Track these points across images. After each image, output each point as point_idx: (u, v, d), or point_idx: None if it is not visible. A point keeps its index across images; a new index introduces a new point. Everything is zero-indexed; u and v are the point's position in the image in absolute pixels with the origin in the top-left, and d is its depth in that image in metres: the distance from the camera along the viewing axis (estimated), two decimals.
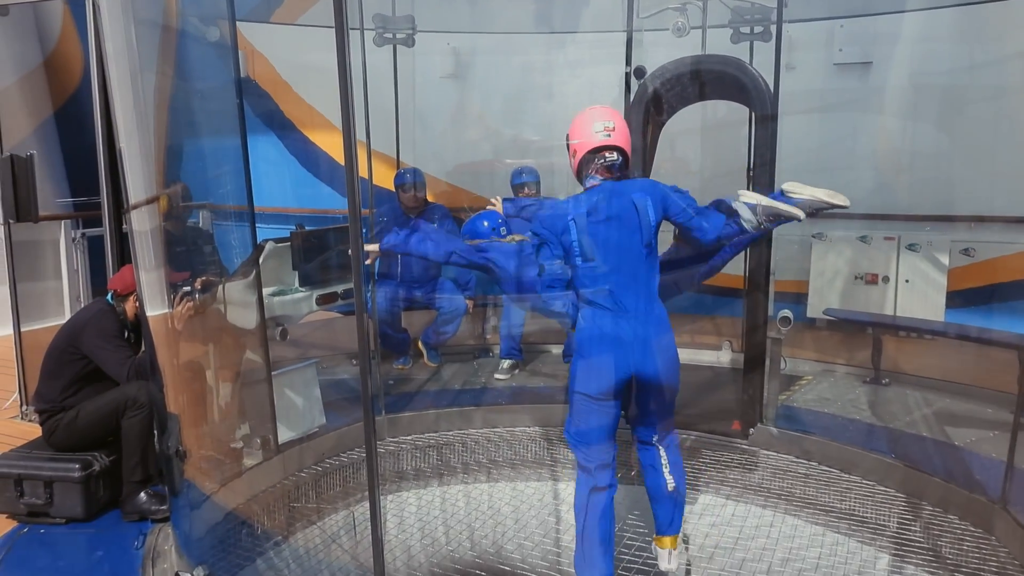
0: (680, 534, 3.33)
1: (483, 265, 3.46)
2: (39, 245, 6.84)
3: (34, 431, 4.15)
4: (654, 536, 3.36)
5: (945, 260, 6.01)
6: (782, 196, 3.17)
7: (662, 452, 3.26)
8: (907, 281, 6.10)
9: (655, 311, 3.11)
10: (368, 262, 3.59)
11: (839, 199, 3.08)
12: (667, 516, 3.28)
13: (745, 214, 3.13)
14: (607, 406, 3.10)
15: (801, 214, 3.07)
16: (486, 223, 3.88)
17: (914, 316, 6.08)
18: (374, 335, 5.35)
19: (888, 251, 6.25)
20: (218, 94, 4.11)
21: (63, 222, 6.80)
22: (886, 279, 6.23)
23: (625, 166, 3.18)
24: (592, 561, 3.11)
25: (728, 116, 5.50)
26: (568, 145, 3.20)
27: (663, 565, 3.31)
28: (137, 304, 3.96)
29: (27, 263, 6.33)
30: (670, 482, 3.25)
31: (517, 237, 3.56)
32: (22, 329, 5.50)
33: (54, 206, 6.56)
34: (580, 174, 3.18)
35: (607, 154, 3.10)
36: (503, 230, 3.84)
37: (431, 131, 7.05)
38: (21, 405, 5.36)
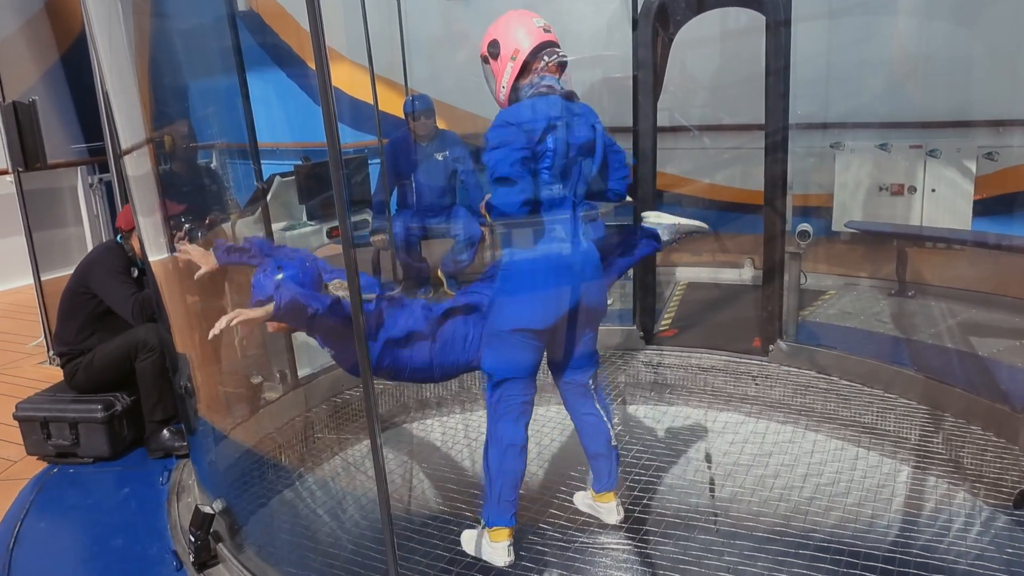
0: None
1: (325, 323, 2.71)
2: (57, 192, 6.90)
3: (60, 375, 4.23)
4: (594, 495, 3.17)
5: (972, 167, 5.81)
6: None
7: (597, 403, 3.05)
8: (933, 190, 5.92)
9: (590, 242, 2.85)
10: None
11: (696, 224, 3.18)
12: (608, 470, 3.11)
13: (665, 236, 3.17)
14: (542, 342, 2.86)
15: (706, 226, 3.16)
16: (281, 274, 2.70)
17: (941, 226, 5.92)
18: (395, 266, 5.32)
19: (914, 159, 6.05)
20: (213, 29, 4.03)
21: (79, 168, 6.83)
22: (912, 189, 6.05)
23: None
24: (507, 506, 2.90)
25: (750, 23, 5.29)
26: (494, 53, 2.71)
27: (613, 519, 3.14)
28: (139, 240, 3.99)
29: (46, 211, 6.39)
30: (613, 437, 3.07)
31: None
32: (48, 277, 5.58)
33: (68, 152, 6.57)
34: (518, 82, 2.70)
35: (558, 51, 2.70)
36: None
37: (439, 55, 6.90)
38: (48, 350, 5.46)
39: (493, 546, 2.91)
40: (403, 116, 5.80)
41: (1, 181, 6.06)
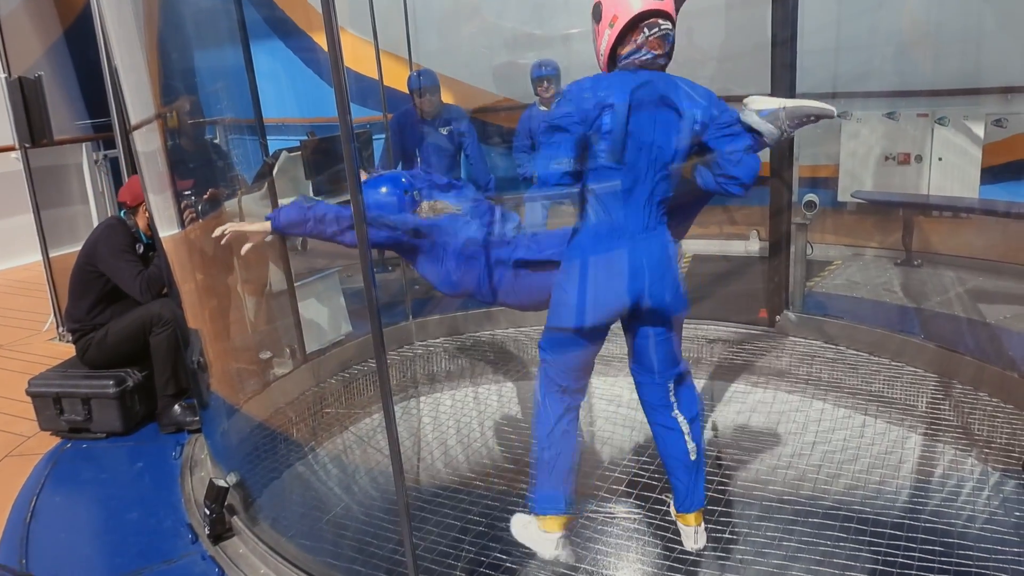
0: (703, 506, 2.77)
1: (408, 244, 2.77)
2: (63, 170, 6.88)
3: (71, 352, 4.26)
4: (675, 513, 2.80)
5: (980, 133, 5.78)
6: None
7: (679, 415, 2.69)
8: (940, 159, 5.89)
9: (664, 236, 2.57)
10: (247, 247, 2.92)
11: (826, 107, 2.51)
12: (688, 487, 2.71)
13: (766, 129, 2.48)
14: (599, 334, 2.63)
15: (834, 110, 2.47)
16: (385, 190, 2.88)
17: (948, 194, 5.90)
18: None
19: (922, 128, 6.02)
20: (220, 4, 4.01)
21: (83, 145, 6.80)
22: (919, 158, 6.02)
23: (672, 47, 2.50)
24: (558, 492, 2.69)
25: None
26: (596, 16, 2.49)
27: (689, 545, 2.75)
28: (148, 215, 3.99)
29: (52, 188, 6.38)
30: (692, 450, 2.69)
31: (440, 205, 2.83)
32: (55, 254, 5.59)
33: (73, 129, 6.55)
34: (614, 52, 2.48)
35: (660, 22, 2.41)
36: (416, 194, 2.91)
37: (444, 29, 6.85)
38: (58, 327, 5.49)
39: (543, 536, 2.71)
40: (407, 91, 5.78)
41: (6, 158, 6.05)
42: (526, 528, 2.77)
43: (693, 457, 2.69)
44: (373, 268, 2.12)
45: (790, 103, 2.47)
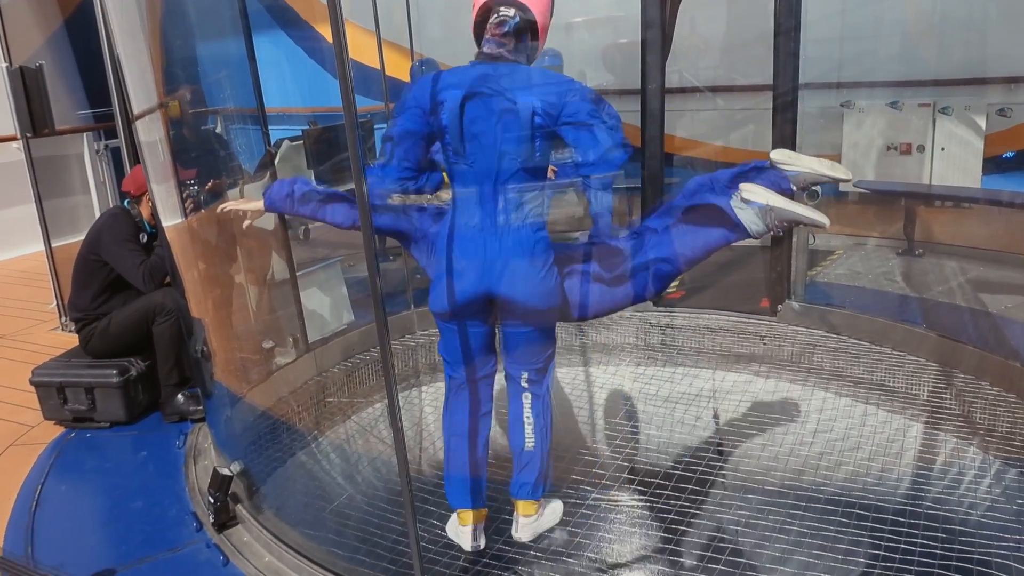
0: (540, 501, 2.79)
1: (404, 231, 2.73)
2: (64, 160, 6.88)
3: (74, 341, 4.26)
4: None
5: (982, 123, 5.78)
6: (770, 170, 2.43)
7: (527, 405, 2.70)
8: (942, 149, 5.89)
9: (521, 234, 2.47)
10: (245, 226, 3.03)
11: (840, 171, 2.40)
12: (516, 475, 2.77)
13: (749, 221, 2.34)
14: (457, 326, 2.62)
15: (827, 221, 2.31)
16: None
17: (950, 184, 5.90)
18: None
19: (924, 118, 6.02)
20: None
21: (85, 135, 6.80)
22: (921, 148, 6.01)
23: (528, 33, 2.45)
24: (456, 486, 2.73)
25: None
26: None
27: (513, 532, 2.80)
28: (151, 204, 3.98)
29: (54, 178, 6.39)
30: (529, 443, 2.71)
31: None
32: (57, 244, 5.59)
33: (74, 119, 6.55)
34: (479, 41, 2.49)
35: (502, 10, 2.40)
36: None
37: (447, 18, 6.83)
38: (60, 317, 5.49)
39: (458, 529, 2.75)
40: (409, 81, 5.77)
41: (8, 148, 6.06)
42: (451, 522, 2.82)
43: (529, 447, 2.70)
44: (377, 257, 2.10)
45: (779, 204, 2.31)
